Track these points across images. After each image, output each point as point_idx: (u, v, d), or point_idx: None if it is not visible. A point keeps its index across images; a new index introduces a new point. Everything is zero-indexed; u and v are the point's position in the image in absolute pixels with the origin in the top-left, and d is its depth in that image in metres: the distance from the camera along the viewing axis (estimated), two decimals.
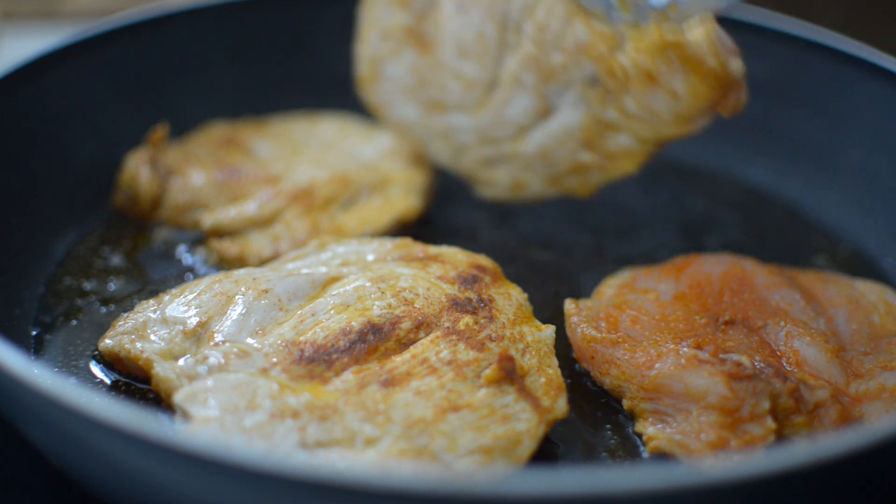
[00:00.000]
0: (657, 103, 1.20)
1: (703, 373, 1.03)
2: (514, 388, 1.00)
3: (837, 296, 1.19)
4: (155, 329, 1.07)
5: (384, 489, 0.72)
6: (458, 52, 1.30)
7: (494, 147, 1.33)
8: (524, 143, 1.30)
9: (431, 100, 1.35)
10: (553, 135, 1.27)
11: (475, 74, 1.30)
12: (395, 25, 1.35)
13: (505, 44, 1.27)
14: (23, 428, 0.98)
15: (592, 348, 1.10)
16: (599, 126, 1.24)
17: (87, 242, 1.34)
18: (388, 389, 0.98)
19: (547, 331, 1.09)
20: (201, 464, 0.76)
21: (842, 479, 0.82)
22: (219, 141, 1.48)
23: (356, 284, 1.11)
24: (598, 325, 1.12)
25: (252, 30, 1.61)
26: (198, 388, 0.97)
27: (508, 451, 0.95)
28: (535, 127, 1.29)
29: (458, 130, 1.34)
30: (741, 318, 1.13)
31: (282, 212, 1.34)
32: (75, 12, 2.18)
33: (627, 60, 1.19)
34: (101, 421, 0.78)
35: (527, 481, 0.72)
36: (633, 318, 1.13)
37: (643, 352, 1.07)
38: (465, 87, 1.31)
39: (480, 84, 1.31)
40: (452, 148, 1.37)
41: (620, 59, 1.19)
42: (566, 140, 1.27)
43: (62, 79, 1.40)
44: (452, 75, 1.32)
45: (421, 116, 1.37)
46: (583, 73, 1.22)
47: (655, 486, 0.72)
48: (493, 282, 1.14)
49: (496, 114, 1.30)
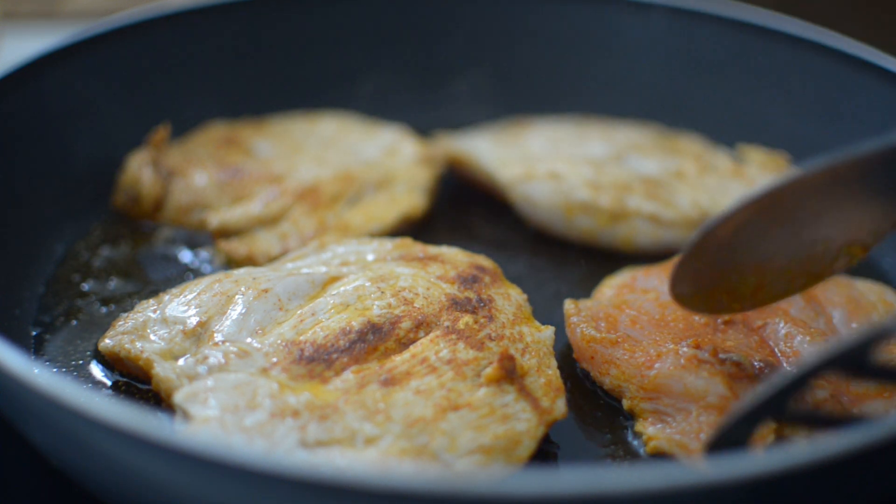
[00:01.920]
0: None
1: (702, 373, 1.03)
2: (514, 388, 1.00)
3: (837, 295, 1.19)
4: (155, 329, 1.07)
5: (384, 489, 0.72)
6: None
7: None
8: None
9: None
10: None
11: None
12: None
13: None
14: (23, 428, 0.98)
15: (592, 348, 1.10)
16: None
17: (87, 242, 1.34)
18: (387, 389, 0.98)
19: (546, 332, 1.09)
20: (201, 463, 0.76)
21: (842, 478, 0.82)
22: (219, 141, 1.48)
23: (356, 284, 1.11)
24: (598, 325, 1.12)
25: (251, 30, 1.61)
26: (198, 388, 0.97)
27: (508, 451, 0.95)
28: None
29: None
30: (740, 318, 1.13)
31: (288, 210, 1.33)
32: (75, 12, 2.18)
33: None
34: (100, 421, 0.78)
35: (527, 481, 0.72)
36: (632, 319, 1.13)
37: (642, 352, 1.07)
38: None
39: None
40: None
41: None
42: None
43: (62, 79, 1.40)
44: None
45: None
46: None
47: (655, 486, 0.72)
48: (492, 282, 1.14)
49: None
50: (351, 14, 1.65)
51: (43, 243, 1.30)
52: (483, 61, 1.68)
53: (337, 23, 1.65)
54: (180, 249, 1.33)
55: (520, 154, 1.43)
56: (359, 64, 1.66)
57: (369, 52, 1.66)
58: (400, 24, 1.67)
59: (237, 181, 1.38)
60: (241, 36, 1.60)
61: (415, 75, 1.67)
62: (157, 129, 1.42)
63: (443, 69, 1.68)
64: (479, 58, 1.68)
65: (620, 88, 1.64)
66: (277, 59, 1.63)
